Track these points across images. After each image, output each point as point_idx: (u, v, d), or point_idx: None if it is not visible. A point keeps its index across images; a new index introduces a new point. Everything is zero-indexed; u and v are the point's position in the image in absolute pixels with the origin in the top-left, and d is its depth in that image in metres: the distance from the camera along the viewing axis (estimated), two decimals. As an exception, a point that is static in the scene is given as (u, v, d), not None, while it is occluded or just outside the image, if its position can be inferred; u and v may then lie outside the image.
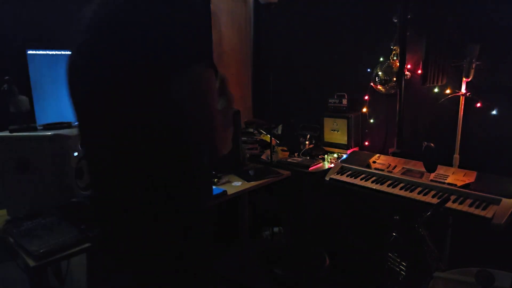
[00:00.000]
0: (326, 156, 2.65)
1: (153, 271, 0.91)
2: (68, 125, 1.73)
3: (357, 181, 2.16)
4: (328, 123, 2.75)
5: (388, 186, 2.05)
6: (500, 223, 1.59)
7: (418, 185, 2.01)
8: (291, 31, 3.08)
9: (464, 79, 2.11)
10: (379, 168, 2.24)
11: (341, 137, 2.67)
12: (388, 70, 2.43)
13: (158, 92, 0.82)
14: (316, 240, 2.65)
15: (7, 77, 1.61)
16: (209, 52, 0.91)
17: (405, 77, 2.35)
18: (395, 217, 1.76)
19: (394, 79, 2.40)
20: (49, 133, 1.59)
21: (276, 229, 2.95)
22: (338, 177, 2.25)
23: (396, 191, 1.99)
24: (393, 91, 2.47)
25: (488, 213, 1.67)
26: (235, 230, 2.61)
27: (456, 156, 2.21)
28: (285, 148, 2.85)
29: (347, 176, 2.25)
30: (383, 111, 2.63)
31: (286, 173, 2.41)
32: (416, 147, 2.26)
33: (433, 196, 1.88)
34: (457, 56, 2.10)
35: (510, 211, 1.64)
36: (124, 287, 0.98)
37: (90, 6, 0.91)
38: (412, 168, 2.16)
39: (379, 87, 2.50)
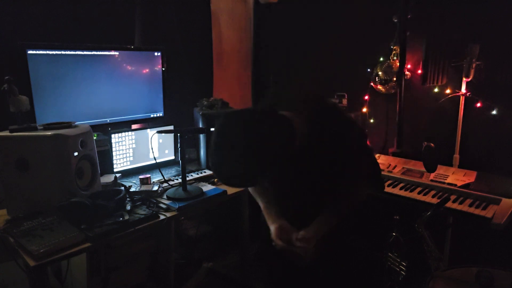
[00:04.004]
0: (326, 156, 2.65)
1: None
2: (68, 125, 1.72)
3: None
4: (328, 123, 2.75)
5: (388, 186, 2.05)
6: (500, 223, 1.59)
7: (418, 185, 2.01)
8: (291, 31, 3.08)
9: (464, 79, 2.11)
10: (379, 168, 2.24)
11: (341, 137, 2.67)
12: (388, 70, 2.43)
13: None
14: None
15: (7, 77, 1.61)
16: None
17: (405, 77, 2.35)
18: (395, 217, 1.76)
19: (394, 79, 2.40)
20: (49, 133, 1.59)
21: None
22: (338, 177, 2.25)
23: (396, 191, 1.99)
24: (393, 91, 2.47)
25: (488, 213, 1.67)
26: (235, 230, 2.61)
27: (456, 156, 2.21)
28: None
29: (347, 176, 2.25)
30: (383, 111, 2.63)
31: (286, 173, 2.40)
32: (416, 147, 2.27)
33: (433, 196, 1.89)
34: (457, 56, 2.10)
35: (510, 211, 1.65)
36: None
37: None
38: (412, 168, 2.16)
39: (379, 87, 2.50)
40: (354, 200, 1.42)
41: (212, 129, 2.26)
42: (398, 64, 2.34)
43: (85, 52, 2.08)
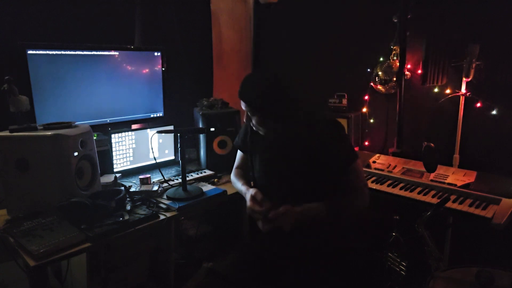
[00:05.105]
0: (326, 156, 2.64)
1: None
2: (68, 125, 1.72)
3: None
4: (328, 123, 2.75)
5: (388, 186, 2.05)
6: (500, 223, 1.59)
7: (418, 185, 2.01)
8: (291, 31, 3.08)
9: (464, 79, 2.11)
10: (379, 168, 2.24)
11: (341, 137, 2.67)
12: (388, 70, 2.43)
13: None
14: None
15: (7, 77, 1.61)
16: None
17: (405, 77, 2.35)
18: (395, 217, 1.76)
19: (394, 79, 2.40)
20: (49, 133, 1.59)
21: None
22: (338, 177, 2.25)
23: (396, 191, 1.99)
24: (393, 91, 2.47)
25: (488, 213, 1.67)
26: (235, 230, 2.61)
27: (456, 156, 2.21)
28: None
29: (347, 176, 2.25)
30: (383, 111, 2.63)
31: (286, 173, 2.40)
32: (416, 147, 2.27)
33: (433, 196, 1.88)
34: (457, 56, 2.10)
35: (510, 211, 1.64)
36: None
37: None
38: (412, 168, 2.16)
39: (379, 87, 2.50)
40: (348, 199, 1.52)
41: (212, 129, 2.28)
42: (398, 64, 2.34)
43: (85, 52, 2.08)
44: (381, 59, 2.52)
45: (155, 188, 1.91)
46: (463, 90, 2.14)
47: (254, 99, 1.45)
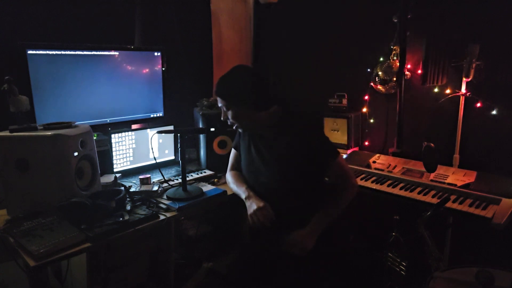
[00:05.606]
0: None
1: None
2: (68, 125, 1.72)
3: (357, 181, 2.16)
4: (328, 123, 2.75)
5: (388, 186, 2.05)
6: (500, 223, 1.59)
7: (418, 185, 2.01)
8: (291, 31, 3.08)
9: (464, 79, 2.11)
10: (379, 168, 2.24)
11: (341, 137, 2.67)
12: (388, 70, 2.43)
13: None
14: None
15: (7, 77, 1.61)
16: None
17: (405, 77, 2.35)
18: (395, 217, 1.76)
19: (394, 79, 2.40)
20: (49, 133, 1.59)
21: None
22: (338, 177, 2.25)
23: (396, 191, 1.99)
24: (393, 91, 2.47)
25: (488, 213, 1.67)
26: (235, 230, 2.61)
27: (456, 156, 2.21)
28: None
29: (347, 176, 2.24)
30: (383, 111, 2.63)
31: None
32: (416, 147, 2.27)
33: (433, 196, 1.88)
34: (457, 56, 2.10)
35: (510, 211, 1.64)
36: None
37: None
38: (412, 168, 2.16)
39: (379, 87, 2.50)
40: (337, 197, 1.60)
41: (212, 129, 2.27)
42: (398, 64, 2.34)
43: (85, 52, 2.08)
44: (381, 59, 2.52)
45: (155, 188, 1.91)
46: (463, 90, 2.14)
47: (225, 91, 1.56)
